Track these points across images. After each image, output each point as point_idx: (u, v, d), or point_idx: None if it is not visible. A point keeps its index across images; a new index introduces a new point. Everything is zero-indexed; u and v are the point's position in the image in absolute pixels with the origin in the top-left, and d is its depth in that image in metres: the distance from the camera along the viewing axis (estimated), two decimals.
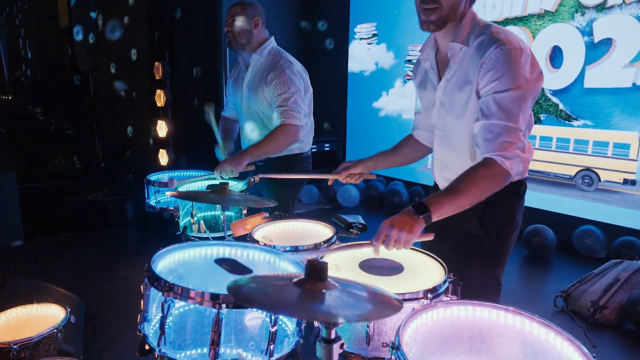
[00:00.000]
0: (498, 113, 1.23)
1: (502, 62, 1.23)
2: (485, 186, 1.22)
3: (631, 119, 3.50)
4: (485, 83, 1.27)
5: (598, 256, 3.61)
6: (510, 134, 1.23)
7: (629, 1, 3.41)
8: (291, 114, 2.20)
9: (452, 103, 1.39)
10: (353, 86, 5.88)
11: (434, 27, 1.32)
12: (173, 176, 2.36)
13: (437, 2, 1.28)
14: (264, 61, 2.31)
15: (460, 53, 1.34)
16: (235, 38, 2.28)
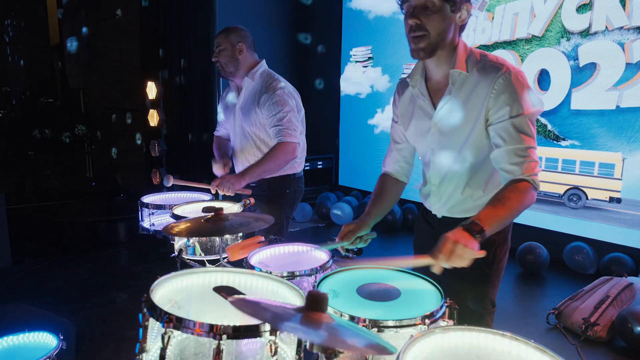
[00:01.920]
0: (519, 137, 1.30)
1: (512, 87, 1.30)
2: (524, 204, 1.29)
3: (615, 140, 3.60)
4: (498, 109, 1.32)
5: (588, 272, 3.67)
6: (533, 154, 1.32)
7: (612, 28, 3.53)
8: (287, 132, 2.23)
9: (453, 130, 1.42)
10: (348, 107, 5.95)
11: (424, 55, 1.36)
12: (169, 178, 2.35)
13: (424, 29, 1.33)
14: (256, 84, 2.35)
15: (459, 79, 1.38)
16: (222, 67, 2.34)
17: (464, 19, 1.37)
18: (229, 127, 2.53)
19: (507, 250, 1.49)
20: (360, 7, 5.58)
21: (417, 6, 1.32)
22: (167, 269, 1.33)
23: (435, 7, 1.31)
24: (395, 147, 1.68)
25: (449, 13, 1.33)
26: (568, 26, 3.78)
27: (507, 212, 1.25)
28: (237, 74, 2.36)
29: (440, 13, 1.32)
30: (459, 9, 1.34)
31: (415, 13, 1.33)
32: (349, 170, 6.06)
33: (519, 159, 1.30)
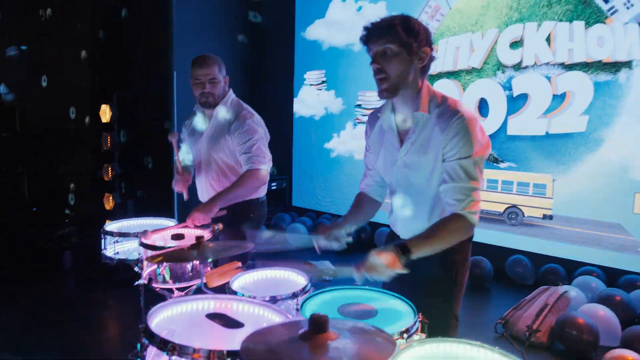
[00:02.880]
0: (464, 177, 1.45)
1: (463, 131, 1.45)
2: (456, 236, 1.48)
3: (546, 162, 4.02)
4: (450, 149, 1.47)
5: (528, 283, 4.01)
6: (475, 194, 1.47)
7: (540, 63, 3.98)
8: (257, 159, 2.32)
9: (417, 164, 1.57)
10: (303, 129, 6.11)
11: (387, 95, 1.52)
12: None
13: (385, 72, 1.48)
14: (227, 113, 2.41)
15: (422, 120, 1.54)
16: (214, 99, 2.36)
17: (423, 62, 1.52)
18: (194, 153, 2.55)
19: (468, 268, 1.67)
20: (314, 38, 5.81)
21: (378, 52, 1.49)
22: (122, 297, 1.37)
23: (393, 53, 1.46)
24: (369, 173, 1.84)
25: (406, 57, 1.47)
26: (503, 60, 4.20)
27: (438, 242, 1.43)
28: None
29: (398, 57, 1.47)
30: (417, 53, 1.49)
31: (376, 58, 1.50)
32: (303, 191, 6.20)
33: (461, 196, 1.45)
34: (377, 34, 1.49)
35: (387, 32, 1.47)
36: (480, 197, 1.49)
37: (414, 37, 1.47)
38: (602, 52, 3.64)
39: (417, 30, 1.48)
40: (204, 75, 2.33)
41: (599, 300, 3.21)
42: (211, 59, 2.37)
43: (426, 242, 1.41)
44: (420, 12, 4.68)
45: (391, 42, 1.46)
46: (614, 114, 3.63)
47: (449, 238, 1.45)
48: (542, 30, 3.95)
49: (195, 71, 2.35)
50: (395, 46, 1.46)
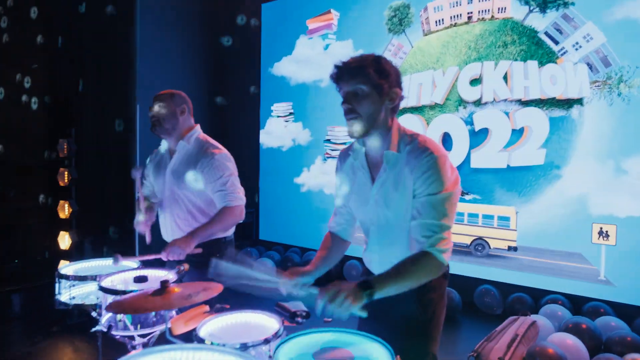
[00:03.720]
0: (432, 213, 1.44)
1: (433, 168, 1.45)
2: (424, 275, 1.43)
3: (509, 194, 4.14)
4: (419, 185, 1.47)
5: (496, 313, 4.04)
6: (444, 231, 1.44)
7: (498, 99, 4.16)
8: (232, 196, 2.27)
9: (390, 202, 1.56)
10: (270, 160, 6.08)
11: (358, 135, 1.53)
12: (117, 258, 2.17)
13: (356, 112, 1.49)
14: (191, 148, 2.37)
15: (393, 158, 1.54)
16: (160, 122, 2.33)
17: (394, 102, 1.54)
18: (157, 189, 2.48)
19: (444, 306, 1.66)
20: (281, 74, 5.89)
21: (349, 92, 1.50)
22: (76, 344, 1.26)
23: (364, 93, 1.47)
24: (339, 211, 1.81)
25: (377, 98, 1.49)
26: (464, 96, 4.37)
27: (403, 280, 1.39)
28: (173, 135, 2.36)
29: (369, 98, 1.48)
30: (387, 94, 1.50)
31: (347, 98, 1.50)
32: (271, 224, 6.10)
33: (428, 233, 1.44)
34: (348, 74, 1.49)
35: (358, 73, 1.47)
36: (450, 235, 1.47)
37: (385, 78, 1.48)
38: (555, 89, 3.86)
39: (389, 71, 1.50)
40: (153, 101, 2.37)
41: (566, 329, 3.26)
42: (165, 91, 2.39)
43: (391, 280, 1.37)
44: (384, 50, 4.84)
45: (362, 82, 1.47)
46: (569, 147, 3.81)
47: (415, 276, 1.41)
48: (499, 68, 4.15)
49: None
50: (366, 87, 1.47)
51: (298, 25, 5.67)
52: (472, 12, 4.29)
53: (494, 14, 4.17)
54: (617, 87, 3.57)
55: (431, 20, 4.55)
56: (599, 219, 3.68)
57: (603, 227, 3.67)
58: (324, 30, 5.40)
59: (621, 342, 3.07)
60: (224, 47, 6.25)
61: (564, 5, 3.78)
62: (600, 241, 3.69)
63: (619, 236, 3.60)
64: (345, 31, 5.20)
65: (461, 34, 4.37)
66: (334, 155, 5.36)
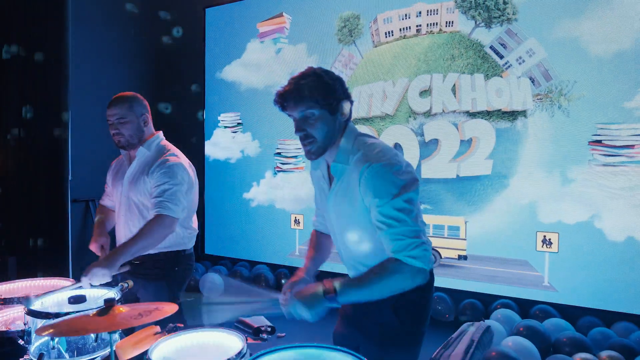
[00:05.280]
0: (391, 222, 1.36)
1: (375, 179, 1.38)
2: (393, 284, 1.36)
3: (458, 204, 4.23)
4: (369, 199, 1.40)
5: (449, 319, 4.07)
6: (411, 236, 1.36)
7: (447, 111, 4.27)
8: (167, 205, 2.09)
9: (343, 213, 1.52)
10: (217, 172, 5.84)
11: (315, 157, 1.48)
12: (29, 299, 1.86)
13: (311, 137, 1.45)
14: (151, 154, 2.23)
15: (339, 170, 1.49)
16: (127, 140, 2.17)
17: (345, 115, 1.48)
18: (115, 197, 2.33)
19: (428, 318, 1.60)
20: (230, 79, 5.70)
21: (299, 119, 1.43)
22: None
23: (315, 117, 1.42)
24: (318, 212, 1.78)
25: (329, 117, 1.44)
26: (414, 107, 4.44)
27: (368, 287, 1.35)
28: (137, 145, 2.21)
29: (321, 120, 1.43)
30: (338, 109, 1.45)
31: (299, 125, 1.44)
32: (217, 238, 5.84)
33: (392, 242, 1.37)
34: (294, 101, 1.42)
35: (304, 97, 1.41)
36: (422, 237, 1.39)
37: (332, 95, 1.43)
38: (500, 101, 4.02)
39: (333, 86, 1.44)
40: (112, 115, 2.16)
41: (517, 332, 3.33)
42: (121, 98, 2.20)
43: (355, 286, 1.36)
44: (334, 60, 4.83)
45: (311, 107, 1.41)
46: (515, 157, 3.97)
47: (383, 284, 1.35)
48: (447, 81, 4.27)
49: (107, 112, 2.19)
50: (316, 110, 1.42)
51: (248, 29, 5.53)
52: (421, 25, 4.39)
53: (441, 28, 4.30)
54: (557, 100, 3.77)
55: (381, 31, 4.61)
56: (546, 226, 3.84)
57: (546, 235, 3.84)
58: (276, 34, 5.30)
59: (569, 342, 3.19)
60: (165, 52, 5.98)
61: (508, 21, 3.97)
62: (544, 249, 3.85)
63: (561, 243, 3.77)
64: (297, 35, 5.11)
65: (411, 46, 4.46)
66: (284, 169, 5.22)
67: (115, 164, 2.41)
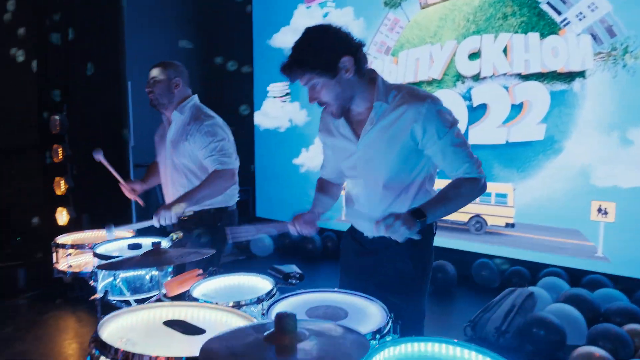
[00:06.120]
0: (452, 149, 1.49)
1: (431, 115, 1.47)
2: (469, 196, 1.52)
3: (506, 171, 4.12)
4: (428, 136, 1.48)
5: (493, 286, 4.05)
6: (468, 157, 1.50)
7: (497, 74, 4.11)
8: (222, 160, 2.27)
9: (376, 153, 1.55)
10: (267, 141, 6.04)
11: (339, 115, 1.54)
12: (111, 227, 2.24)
13: (323, 102, 1.51)
14: (185, 117, 2.38)
15: (382, 109, 1.52)
16: (157, 98, 2.35)
17: (350, 71, 1.46)
18: (160, 159, 2.52)
19: (431, 260, 1.69)
20: (279, 45, 5.79)
21: (308, 89, 1.50)
22: (77, 316, 1.27)
23: (318, 82, 1.46)
24: (327, 164, 1.85)
25: (332, 78, 1.45)
26: (462, 71, 4.31)
27: (450, 204, 1.48)
28: (170, 107, 2.37)
29: (325, 86, 1.46)
30: (338, 69, 1.45)
31: (310, 94, 1.50)
32: (267, 202, 6.10)
33: (460, 167, 1.50)
34: (294, 74, 1.48)
35: (301, 70, 1.46)
36: (473, 154, 1.53)
37: (327, 58, 1.44)
38: (556, 62, 3.80)
39: (325, 47, 1.44)
40: (149, 76, 2.37)
41: (564, 300, 3.26)
42: (159, 63, 2.39)
43: (440, 205, 1.46)
44: (380, 24, 4.76)
45: (310, 79, 1.46)
46: (570, 122, 3.77)
47: (461, 199, 1.49)
48: (498, 41, 4.09)
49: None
50: (316, 77, 1.45)
51: None
52: None
53: None
54: (622, 58, 3.49)
55: None
56: (601, 192, 3.64)
57: (602, 205, 3.65)
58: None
59: (620, 312, 3.06)
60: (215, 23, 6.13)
61: None
62: (599, 218, 3.68)
63: (618, 212, 3.58)
64: None
65: (459, 6, 4.29)
66: None
67: (160, 128, 2.58)
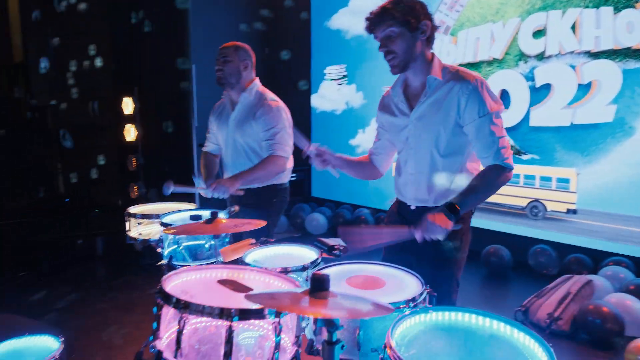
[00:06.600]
0: (488, 131, 1.60)
1: (477, 92, 1.61)
2: (497, 185, 1.61)
3: (571, 154, 3.92)
4: (468, 111, 1.62)
5: (551, 273, 3.93)
6: (504, 143, 1.61)
7: (564, 52, 3.89)
8: (279, 147, 2.40)
9: (427, 125, 1.70)
10: (323, 123, 6.15)
11: (399, 70, 1.67)
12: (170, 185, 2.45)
13: (392, 52, 1.64)
14: (252, 99, 2.50)
15: (435, 83, 1.67)
16: (225, 77, 2.46)
17: (426, 34, 1.65)
18: (221, 139, 2.65)
19: (470, 236, 1.78)
20: (338, 27, 5.82)
21: (383, 37, 1.65)
22: (147, 280, 1.44)
23: (396, 34, 1.62)
24: (378, 143, 2.00)
25: (409, 34, 1.62)
26: (525, 50, 4.13)
27: (480, 193, 1.58)
28: (236, 88, 2.49)
29: (401, 37, 1.62)
30: (418, 28, 1.63)
31: (382, 43, 1.66)
32: (323, 182, 6.24)
33: (491, 150, 1.60)
34: (377, 22, 1.65)
35: (385, 17, 1.62)
36: (508, 143, 1.62)
37: (411, 14, 1.61)
38: (631, 38, 3.53)
39: (412, 6, 1.62)
40: (220, 54, 2.48)
41: (626, 290, 3.12)
42: (232, 43, 2.51)
43: (469, 196, 1.55)
44: (440, 3, 4.64)
45: (391, 25, 1.61)
46: None
47: (490, 188, 1.59)
48: (566, 18, 3.86)
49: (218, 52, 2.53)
50: (396, 27, 1.61)
51: None
52: None
53: None
54: None
55: None
56: None
57: None
58: None
59: None
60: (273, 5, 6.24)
61: None
62: None
63: None
64: None
65: None
66: None
67: (217, 108, 2.71)
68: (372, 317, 1.24)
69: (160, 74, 5.14)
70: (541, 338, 1.06)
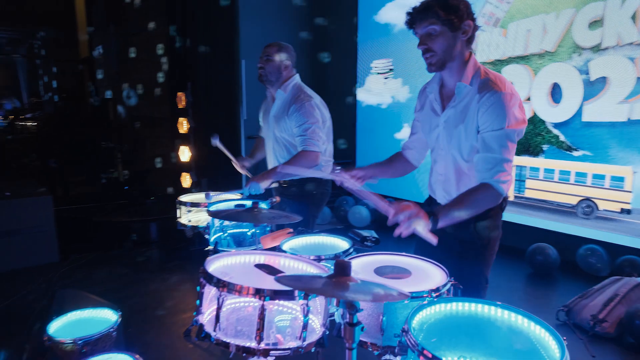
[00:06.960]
0: (495, 147, 1.54)
1: (497, 105, 1.54)
2: (483, 204, 1.55)
3: (626, 151, 3.73)
4: (483, 121, 1.57)
5: (601, 274, 3.78)
6: (503, 165, 1.54)
7: (622, 44, 3.70)
8: (311, 142, 2.49)
9: (453, 131, 1.69)
10: (369, 116, 6.18)
11: (435, 69, 1.65)
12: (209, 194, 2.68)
13: (431, 50, 1.61)
14: (287, 95, 2.62)
15: (464, 90, 1.64)
16: (266, 75, 2.60)
17: (467, 34, 1.62)
18: (264, 132, 2.82)
19: (500, 235, 1.75)
20: (386, 21, 5.81)
21: (423, 34, 1.62)
22: (196, 264, 1.59)
23: (437, 32, 1.59)
24: (413, 137, 2.00)
25: (450, 33, 1.59)
26: (579, 42, 3.95)
27: (464, 209, 1.51)
28: (275, 85, 2.63)
29: (442, 35, 1.59)
30: (459, 28, 1.59)
31: (422, 40, 1.63)
32: None
33: (489, 166, 1.54)
34: (419, 18, 1.61)
35: (427, 15, 1.58)
36: (510, 167, 1.55)
37: (454, 14, 1.56)
38: None
39: (457, 5, 1.57)
40: (263, 53, 2.61)
41: None
42: (275, 43, 2.63)
43: (454, 209, 1.50)
44: None
45: (433, 22, 1.58)
46: None
47: (475, 205, 1.52)
48: (626, 7, 3.66)
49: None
50: (437, 26, 1.57)
51: None
52: None
53: None
54: None
55: None
56: None
57: None
58: None
59: None
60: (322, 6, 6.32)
61: None
62: None
63: None
64: None
65: None
66: None
67: (264, 104, 2.87)
68: (395, 305, 1.32)
69: (212, 69, 5.39)
70: (555, 331, 1.09)
